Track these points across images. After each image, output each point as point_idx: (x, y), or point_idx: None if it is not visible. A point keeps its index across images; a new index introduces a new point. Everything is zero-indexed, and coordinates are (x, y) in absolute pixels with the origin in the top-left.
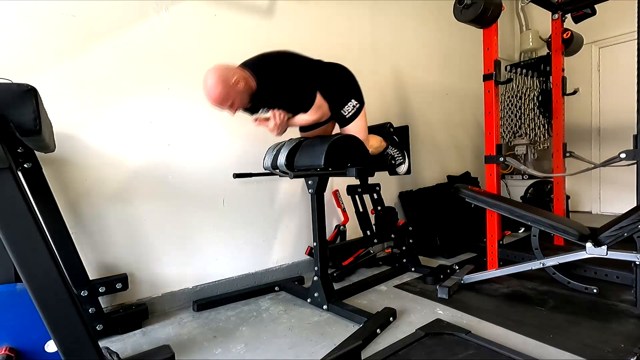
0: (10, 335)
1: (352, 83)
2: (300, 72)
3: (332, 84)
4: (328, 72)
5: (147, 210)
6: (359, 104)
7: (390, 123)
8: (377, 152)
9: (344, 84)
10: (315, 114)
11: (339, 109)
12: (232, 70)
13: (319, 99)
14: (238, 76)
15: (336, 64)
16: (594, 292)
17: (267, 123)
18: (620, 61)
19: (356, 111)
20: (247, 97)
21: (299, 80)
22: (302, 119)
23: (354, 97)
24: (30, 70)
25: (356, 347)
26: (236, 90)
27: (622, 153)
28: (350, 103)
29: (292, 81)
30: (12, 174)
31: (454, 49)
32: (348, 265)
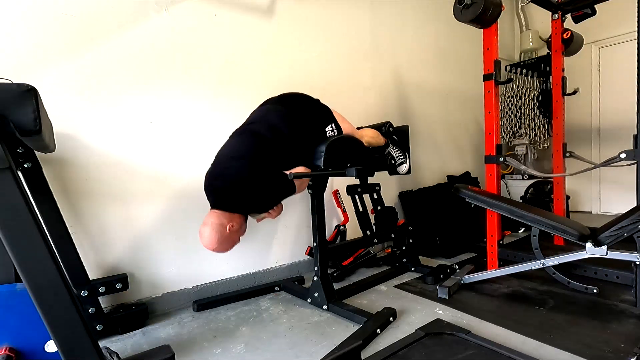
0: (10, 335)
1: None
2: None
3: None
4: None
5: (147, 210)
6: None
7: (390, 123)
8: (376, 143)
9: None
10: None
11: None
12: (220, 221)
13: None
14: (228, 222)
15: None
16: (594, 292)
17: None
18: (620, 61)
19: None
20: (244, 223)
21: (272, 184)
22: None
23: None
24: (30, 70)
25: (356, 347)
26: (234, 232)
27: (622, 153)
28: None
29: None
30: (12, 174)
31: (454, 49)
32: (348, 265)
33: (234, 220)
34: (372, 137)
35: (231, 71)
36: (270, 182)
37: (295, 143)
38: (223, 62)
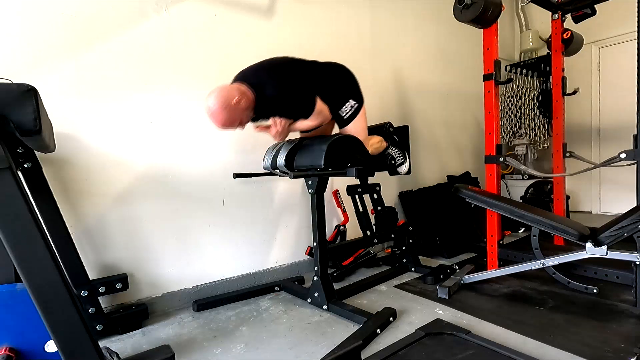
0: (10, 335)
1: (349, 82)
2: (298, 79)
3: (330, 85)
4: (325, 74)
5: (147, 210)
6: (357, 103)
7: (390, 123)
8: (378, 152)
9: (341, 84)
10: (317, 119)
11: (337, 110)
12: (231, 91)
13: (319, 104)
14: (238, 95)
15: (333, 63)
16: (594, 292)
17: (268, 130)
18: (620, 61)
19: (354, 111)
20: (251, 111)
21: (298, 88)
22: (303, 124)
23: (352, 97)
24: (30, 70)
25: (356, 347)
26: (239, 109)
27: (622, 153)
28: (348, 103)
29: (291, 89)
30: (12, 174)
31: (454, 49)
32: (348, 265)
33: (244, 97)
34: (377, 148)
35: (231, 71)
36: (297, 84)
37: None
38: (223, 62)
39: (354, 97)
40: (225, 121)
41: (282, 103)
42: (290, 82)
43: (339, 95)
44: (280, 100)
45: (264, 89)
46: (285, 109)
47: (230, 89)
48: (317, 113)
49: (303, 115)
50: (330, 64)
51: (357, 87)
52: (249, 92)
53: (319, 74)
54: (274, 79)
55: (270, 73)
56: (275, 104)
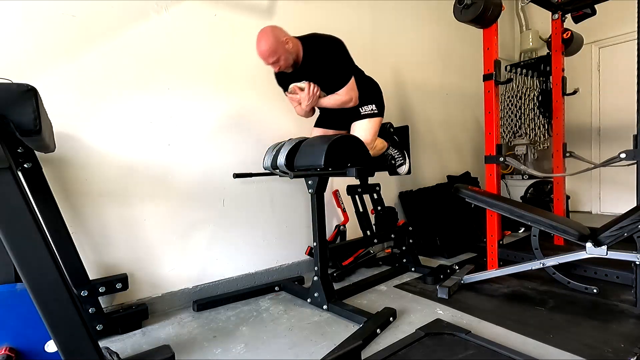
0: (10, 335)
1: (379, 95)
2: (344, 58)
3: (365, 84)
4: (365, 76)
5: (147, 210)
6: (378, 110)
7: (390, 123)
8: (379, 153)
9: (373, 91)
10: (347, 94)
11: (359, 106)
12: (285, 32)
13: (353, 82)
14: (289, 38)
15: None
16: (594, 292)
17: (300, 93)
18: (620, 61)
19: (372, 113)
20: (292, 60)
21: (341, 63)
22: (332, 98)
23: (376, 104)
24: (30, 70)
25: (356, 347)
26: (284, 49)
27: (622, 153)
28: (371, 105)
29: (335, 62)
30: (12, 174)
31: (454, 48)
32: (348, 265)
33: (292, 43)
34: (379, 150)
35: (231, 71)
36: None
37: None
38: (223, 62)
39: (377, 105)
40: (269, 47)
41: (324, 69)
42: (336, 56)
43: (367, 96)
44: (323, 66)
45: (313, 51)
46: (324, 75)
47: (284, 30)
48: (349, 88)
49: (337, 85)
50: (370, 77)
51: (382, 102)
52: (298, 45)
53: (360, 72)
54: (324, 47)
55: (323, 42)
56: (318, 68)
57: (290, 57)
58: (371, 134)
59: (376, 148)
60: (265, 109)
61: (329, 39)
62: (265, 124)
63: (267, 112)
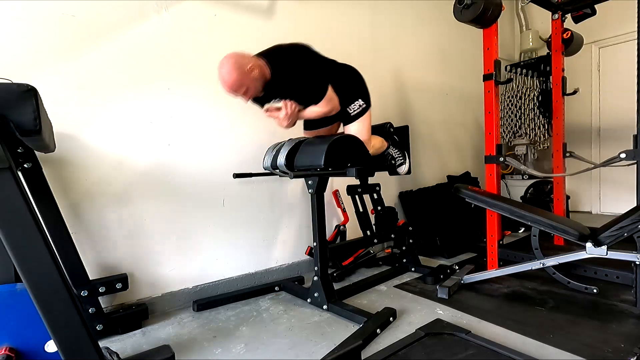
0: (10, 335)
1: (361, 84)
2: (314, 65)
3: (343, 80)
4: (339, 70)
5: (147, 210)
6: (366, 104)
7: (390, 123)
8: (379, 152)
9: (353, 83)
10: (326, 106)
11: (346, 106)
12: (247, 58)
13: (330, 91)
14: (253, 64)
15: (348, 65)
16: (594, 292)
17: (277, 113)
18: (620, 61)
19: (361, 111)
20: (261, 85)
21: (313, 73)
22: (312, 111)
23: (362, 97)
24: (30, 70)
25: (356, 347)
26: (251, 78)
27: (622, 153)
28: (357, 102)
29: (306, 73)
30: (12, 174)
31: (454, 48)
32: (348, 265)
33: (258, 68)
34: (378, 149)
35: None
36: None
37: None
38: None
39: (363, 98)
40: (234, 83)
41: (296, 83)
42: (306, 66)
43: (350, 93)
44: (293, 80)
45: (280, 67)
46: (297, 90)
47: (246, 56)
48: (327, 99)
49: (314, 99)
50: (345, 65)
51: (366, 90)
52: (265, 67)
53: (333, 68)
54: (291, 60)
55: (288, 54)
56: (289, 84)
57: (259, 84)
58: (365, 133)
59: (375, 146)
60: None
61: (293, 49)
62: (265, 124)
63: None
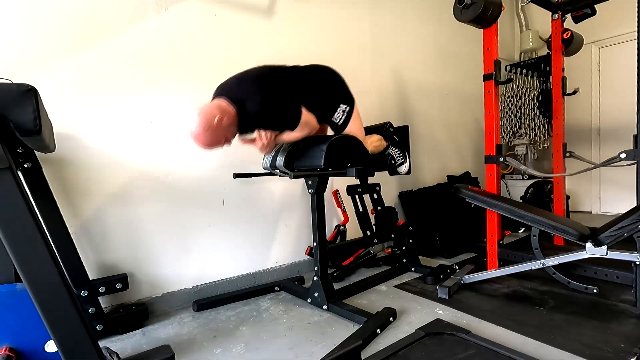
0: (10, 335)
1: (337, 85)
2: (281, 90)
3: (316, 94)
4: (310, 81)
5: (147, 210)
6: (349, 106)
7: (390, 123)
8: (378, 150)
9: (328, 89)
10: (303, 130)
11: (329, 117)
12: (212, 110)
13: (305, 114)
14: (220, 114)
15: (317, 66)
16: (594, 292)
17: (253, 143)
18: (620, 61)
19: (347, 115)
20: (235, 127)
21: (281, 99)
22: (290, 136)
23: (342, 101)
24: (30, 70)
25: (356, 347)
26: (222, 128)
27: (622, 153)
28: (339, 109)
29: (274, 101)
30: (12, 174)
31: (454, 49)
32: (348, 265)
33: (225, 115)
34: (377, 146)
35: (231, 71)
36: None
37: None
38: (223, 62)
39: (344, 101)
40: (210, 142)
41: (266, 116)
42: (273, 94)
43: (329, 102)
44: (263, 114)
45: (245, 103)
46: (269, 121)
47: (210, 108)
48: (303, 124)
49: (289, 127)
50: (314, 68)
51: (345, 89)
52: (230, 108)
53: (303, 81)
54: (255, 91)
55: (251, 85)
56: (259, 118)
57: (233, 128)
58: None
59: (373, 144)
60: None
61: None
62: None
63: None
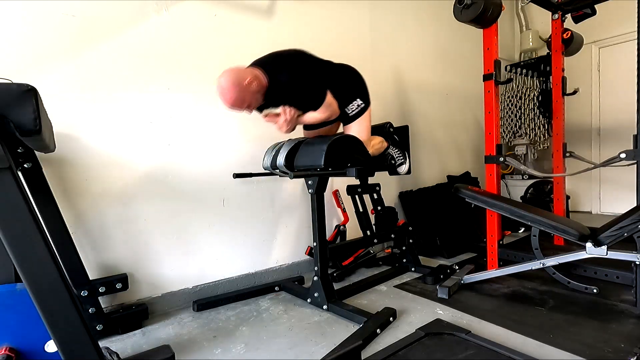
0: (10, 335)
1: (359, 83)
2: (312, 71)
3: (340, 83)
4: (337, 72)
5: (147, 210)
6: (364, 103)
7: (390, 123)
8: (379, 152)
9: (351, 83)
10: (325, 112)
11: (344, 107)
12: (244, 72)
13: (329, 97)
14: (251, 77)
15: (345, 64)
16: (594, 292)
17: (276, 119)
18: (620, 61)
19: (360, 110)
20: (261, 96)
21: (311, 79)
22: (311, 116)
23: (360, 97)
24: (30, 70)
25: (356, 347)
26: (250, 91)
27: (622, 153)
28: (355, 102)
29: (304, 79)
30: (12, 174)
31: (454, 48)
32: (348, 265)
33: (256, 80)
34: (378, 149)
35: None
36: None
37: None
38: (223, 62)
39: (361, 97)
40: (235, 100)
41: (294, 91)
42: (304, 73)
43: (348, 93)
44: (292, 88)
45: (277, 75)
46: (296, 97)
47: (243, 70)
48: (326, 105)
49: (313, 106)
50: (342, 65)
51: (365, 89)
52: (262, 77)
53: (331, 70)
54: (288, 67)
55: (285, 62)
56: (287, 92)
57: (259, 95)
58: (365, 133)
59: (375, 146)
60: None
61: (289, 56)
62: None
63: None
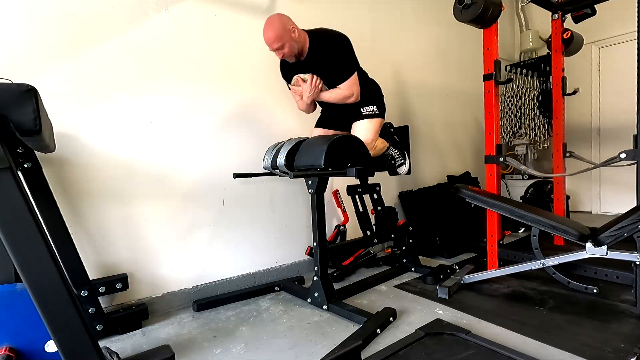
0: (10, 335)
1: (380, 97)
2: (349, 55)
3: (367, 85)
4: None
5: (147, 210)
6: (379, 112)
7: (391, 123)
8: (380, 153)
9: (374, 92)
10: (349, 88)
11: (360, 107)
12: (293, 22)
13: (355, 77)
14: (296, 27)
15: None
16: (594, 292)
17: (302, 85)
18: (620, 61)
19: (373, 114)
20: (297, 49)
21: (346, 59)
22: (334, 92)
23: (377, 106)
24: (30, 70)
25: (356, 347)
26: (290, 37)
27: (622, 153)
28: (372, 106)
29: (340, 56)
30: (12, 174)
31: (454, 49)
32: (348, 265)
33: (299, 33)
34: (380, 150)
35: (231, 71)
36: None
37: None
38: (223, 62)
39: (378, 107)
40: (275, 33)
41: (328, 62)
42: (342, 51)
43: (369, 97)
44: (327, 59)
45: (319, 44)
46: (327, 69)
47: (292, 21)
48: (351, 82)
49: (340, 79)
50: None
51: (383, 103)
52: (305, 36)
53: (362, 71)
54: (331, 42)
55: (330, 37)
56: (322, 61)
57: (295, 46)
58: (372, 133)
59: (377, 148)
60: (265, 108)
61: (336, 35)
62: (266, 124)
63: (267, 112)
